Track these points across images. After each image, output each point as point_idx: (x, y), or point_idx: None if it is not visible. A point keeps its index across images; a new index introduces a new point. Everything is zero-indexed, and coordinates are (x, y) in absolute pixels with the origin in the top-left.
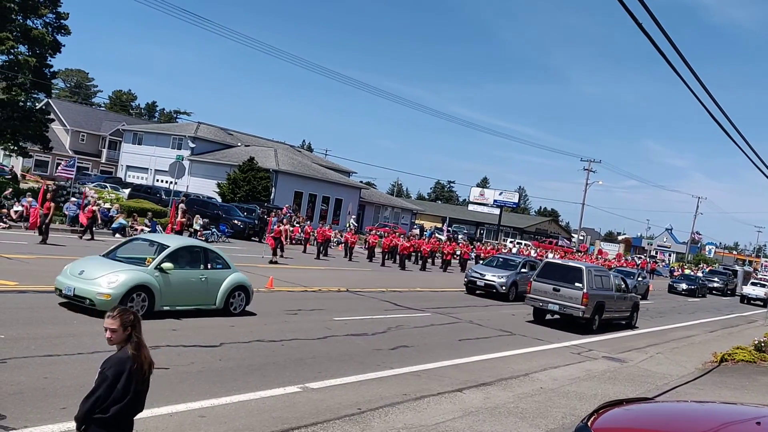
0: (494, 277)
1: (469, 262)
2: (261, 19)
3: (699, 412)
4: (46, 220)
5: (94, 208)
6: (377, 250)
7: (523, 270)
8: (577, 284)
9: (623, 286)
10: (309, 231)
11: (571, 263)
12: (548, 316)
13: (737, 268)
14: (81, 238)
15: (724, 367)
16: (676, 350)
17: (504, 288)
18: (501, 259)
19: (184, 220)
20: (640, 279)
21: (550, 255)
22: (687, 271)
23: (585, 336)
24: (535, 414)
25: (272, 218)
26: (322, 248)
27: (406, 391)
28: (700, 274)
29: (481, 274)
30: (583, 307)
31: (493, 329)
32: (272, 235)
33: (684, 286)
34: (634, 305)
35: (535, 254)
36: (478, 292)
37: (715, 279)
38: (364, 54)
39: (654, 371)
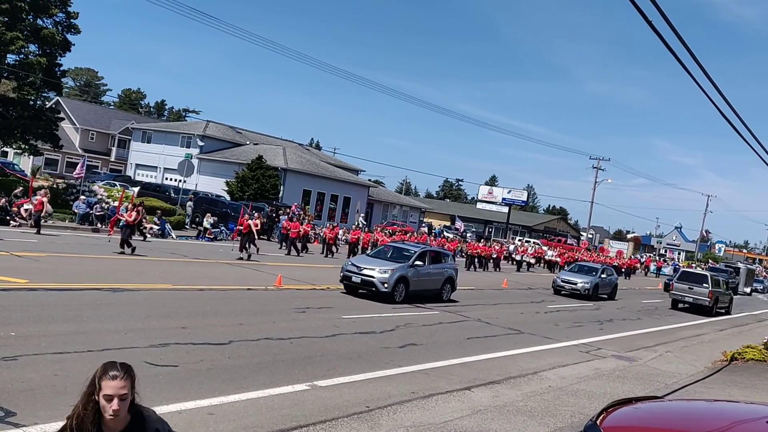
0: (375, 272)
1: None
2: (269, 17)
3: (709, 410)
4: (41, 215)
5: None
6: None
7: (418, 263)
8: (704, 285)
9: (725, 284)
10: (308, 229)
11: (699, 272)
12: (679, 306)
13: (740, 265)
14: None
15: (734, 365)
16: (685, 349)
17: (386, 286)
18: (393, 249)
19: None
20: (603, 276)
21: (549, 252)
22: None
23: (594, 335)
24: (544, 412)
25: (281, 216)
26: (328, 248)
27: (414, 389)
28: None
29: (358, 267)
30: (708, 299)
31: (502, 327)
32: (240, 228)
33: None
34: (730, 300)
35: (532, 251)
36: (360, 291)
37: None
38: (370, 50)
39: (663, 370)
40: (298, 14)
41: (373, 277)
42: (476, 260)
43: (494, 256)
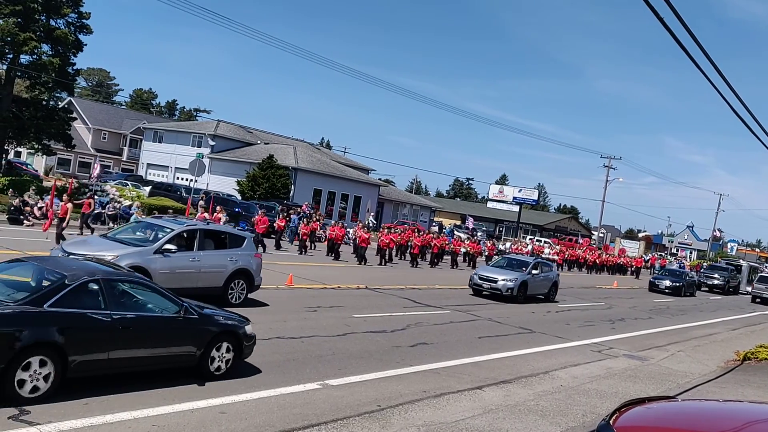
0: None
1: (478, 259)
2: (279, 15)
3: (722, 410)
4: (63, 224)
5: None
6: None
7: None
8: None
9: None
10: (308, 230)
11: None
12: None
13: (742, 263)
14: None
15: (746, 365)
16: (697, 348)
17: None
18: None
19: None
20: (535, 272)
21: (547, 251)
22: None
23: (606, 334)
24: (556, 412)
25: (291, 216)
26: (334, 248)
27: (425, 389)
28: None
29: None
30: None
31: (513, 327)
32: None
33: (668, 283)
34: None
35: (520, 249)
36: None
37: (715, 275)
38: (381, 49)
39: (675, 369)
40: (308, 13)
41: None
42: (466, 258)
43: (486, 254)
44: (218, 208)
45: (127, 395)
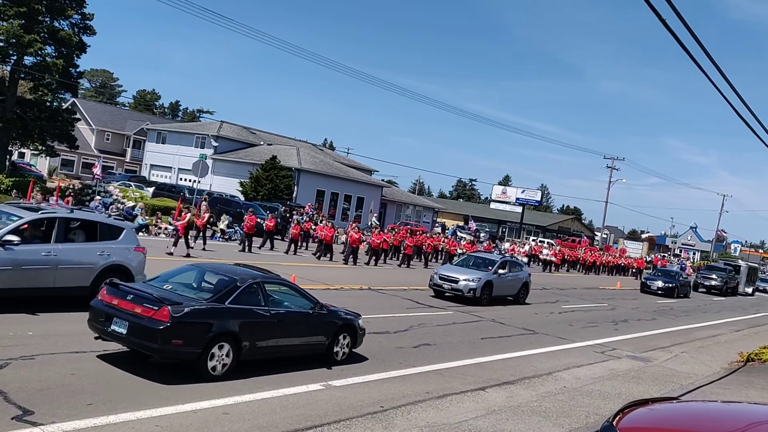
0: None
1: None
2: (282, 16)
3: (725, 412)
4: None
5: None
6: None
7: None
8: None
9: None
10: (298, 230)
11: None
12: None
13: (740, 263)
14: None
15: (750, 366)
16: (701, 349)
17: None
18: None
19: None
20: (501, 272)
21: (545, 251)
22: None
23: (609, 335)
24: (559, 413)
25: (295, 216)
26: (325, 250)
27: (428, 390)
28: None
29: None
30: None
31: (516, 328)
32: (181, 222)
33: (660, 284)
34: None
35: (524, 250)
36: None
37: (713, 276)
38: (383, 50)
39: (679, 370)
40: (310, 14)
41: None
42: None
43: None
44: (204, 206)
45: (130, 396)
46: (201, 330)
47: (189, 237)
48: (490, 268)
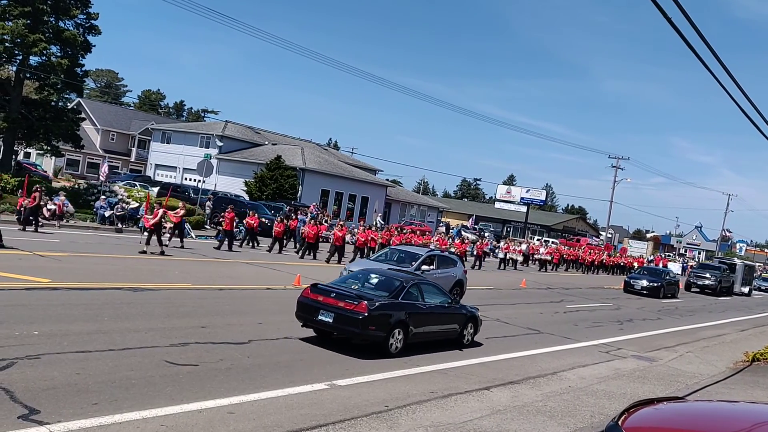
0: None
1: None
2: (286, 15)
3: (731, 411)
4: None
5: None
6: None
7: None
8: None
9: None
10: (282, 228)
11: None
12: None
13: (736, 262)
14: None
15: (756, 366)
16: (706, 349)
17: None
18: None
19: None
20: (425, 269)
21: (542, 250)
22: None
23: (614, 335)
24: (564, 413)
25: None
26: (308, 249)
27: (433, 389)
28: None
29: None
30: None
31: (521, 327)
32: (152, 220)
33: (644, 283)
34: None
35: (519, 249)
36: None
37: (706, 275)
38: (388, 49)
39: (684, 370)
40: (315, 13)
41: None
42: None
43: (474, 253)
44: (180, 204)
45: (136, 395)
46: (386, 319)
47: (163, 235)
48: (412, 263)
